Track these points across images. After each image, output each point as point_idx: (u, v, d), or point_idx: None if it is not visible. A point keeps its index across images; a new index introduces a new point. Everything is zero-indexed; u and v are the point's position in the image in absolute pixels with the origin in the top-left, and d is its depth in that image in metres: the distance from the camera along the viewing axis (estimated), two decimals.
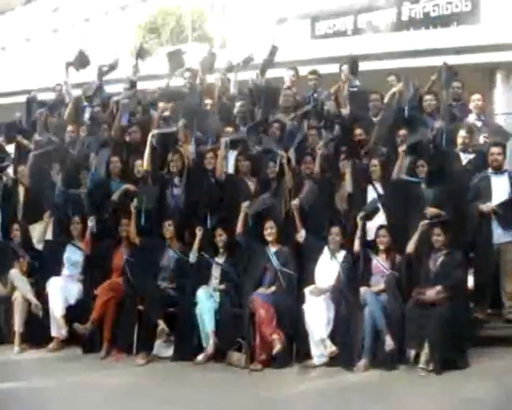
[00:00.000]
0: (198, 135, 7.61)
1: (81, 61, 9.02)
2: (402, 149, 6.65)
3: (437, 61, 8.81)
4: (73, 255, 6.92)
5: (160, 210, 6.93)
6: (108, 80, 9.07)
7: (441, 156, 6.81)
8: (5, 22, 28.65)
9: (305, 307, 5.80)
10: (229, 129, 7.40)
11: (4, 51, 28.75)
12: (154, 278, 6.51)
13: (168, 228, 6.61)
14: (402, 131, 6.88)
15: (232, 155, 7.20)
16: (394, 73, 8.02)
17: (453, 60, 8.89)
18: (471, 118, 7.19)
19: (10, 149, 8.75)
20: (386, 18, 12.97)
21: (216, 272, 6.40)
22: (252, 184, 6.93)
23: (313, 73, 8.16)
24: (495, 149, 6.39)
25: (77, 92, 8.96)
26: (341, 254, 6.13)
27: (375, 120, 7.36)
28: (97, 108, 8.44)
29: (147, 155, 7.19)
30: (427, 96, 7.33)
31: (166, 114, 7.86)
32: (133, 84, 8.61)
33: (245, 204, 6.60)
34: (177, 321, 6.17)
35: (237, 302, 6.12)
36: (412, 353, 5.40)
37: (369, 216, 6.26)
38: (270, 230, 6.32)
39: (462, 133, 6.74)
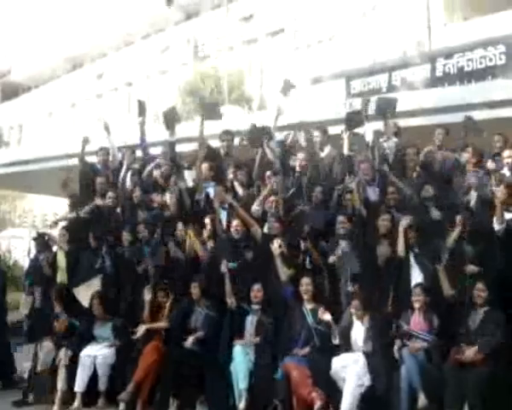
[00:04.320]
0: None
1: None
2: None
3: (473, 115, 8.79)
4: (103, 332, 7.04)
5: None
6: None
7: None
8: (52, 89, 29.95)
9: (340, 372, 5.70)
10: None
11: (51, 117, 29.96)
12: (183, 339, 6.50)
13: (195, 288, 6.70)
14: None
15: None
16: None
17: (488, 114, 8.87)
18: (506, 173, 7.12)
19: None
20: (420, 74, 13.08)
21: (251, 323, 6.39)
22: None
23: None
24: None
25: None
26: (367, 318, 6.01)
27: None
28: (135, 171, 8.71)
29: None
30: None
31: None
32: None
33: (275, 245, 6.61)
34: (208, 381, 6.17)
35: (272, 362, 6.08)
36: None
37: None
38: (306, 286, 6.33)
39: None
